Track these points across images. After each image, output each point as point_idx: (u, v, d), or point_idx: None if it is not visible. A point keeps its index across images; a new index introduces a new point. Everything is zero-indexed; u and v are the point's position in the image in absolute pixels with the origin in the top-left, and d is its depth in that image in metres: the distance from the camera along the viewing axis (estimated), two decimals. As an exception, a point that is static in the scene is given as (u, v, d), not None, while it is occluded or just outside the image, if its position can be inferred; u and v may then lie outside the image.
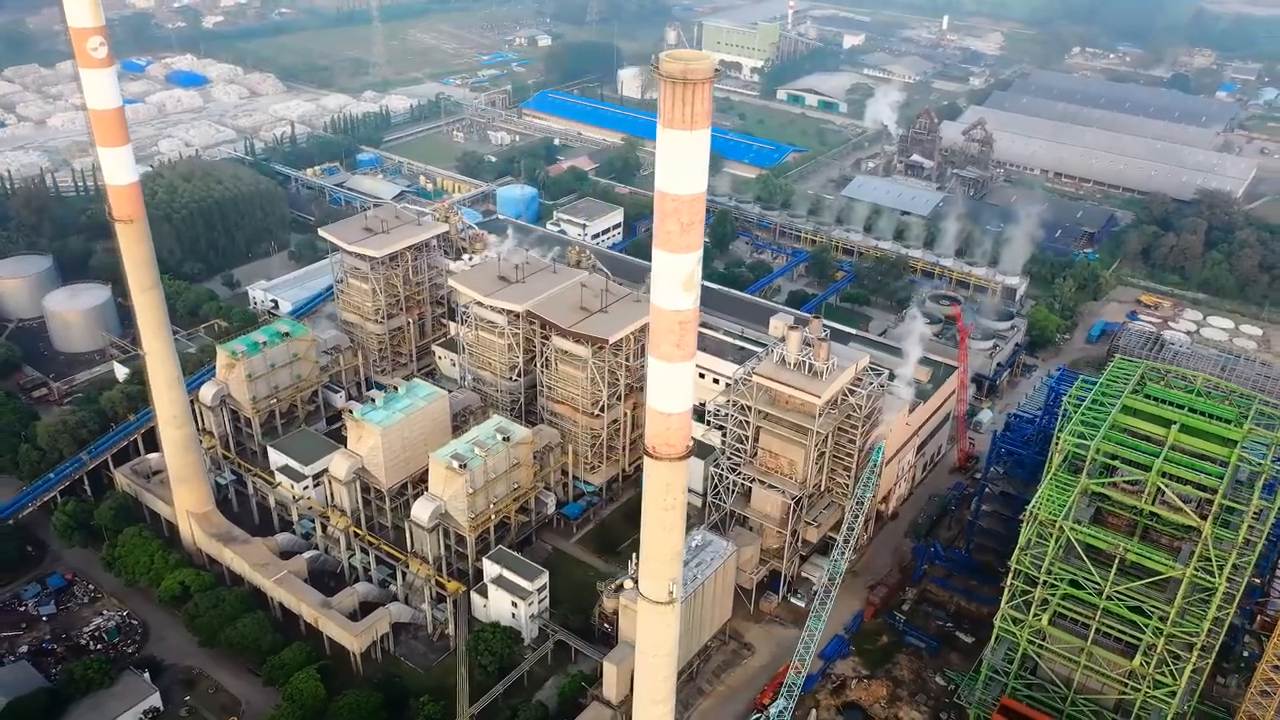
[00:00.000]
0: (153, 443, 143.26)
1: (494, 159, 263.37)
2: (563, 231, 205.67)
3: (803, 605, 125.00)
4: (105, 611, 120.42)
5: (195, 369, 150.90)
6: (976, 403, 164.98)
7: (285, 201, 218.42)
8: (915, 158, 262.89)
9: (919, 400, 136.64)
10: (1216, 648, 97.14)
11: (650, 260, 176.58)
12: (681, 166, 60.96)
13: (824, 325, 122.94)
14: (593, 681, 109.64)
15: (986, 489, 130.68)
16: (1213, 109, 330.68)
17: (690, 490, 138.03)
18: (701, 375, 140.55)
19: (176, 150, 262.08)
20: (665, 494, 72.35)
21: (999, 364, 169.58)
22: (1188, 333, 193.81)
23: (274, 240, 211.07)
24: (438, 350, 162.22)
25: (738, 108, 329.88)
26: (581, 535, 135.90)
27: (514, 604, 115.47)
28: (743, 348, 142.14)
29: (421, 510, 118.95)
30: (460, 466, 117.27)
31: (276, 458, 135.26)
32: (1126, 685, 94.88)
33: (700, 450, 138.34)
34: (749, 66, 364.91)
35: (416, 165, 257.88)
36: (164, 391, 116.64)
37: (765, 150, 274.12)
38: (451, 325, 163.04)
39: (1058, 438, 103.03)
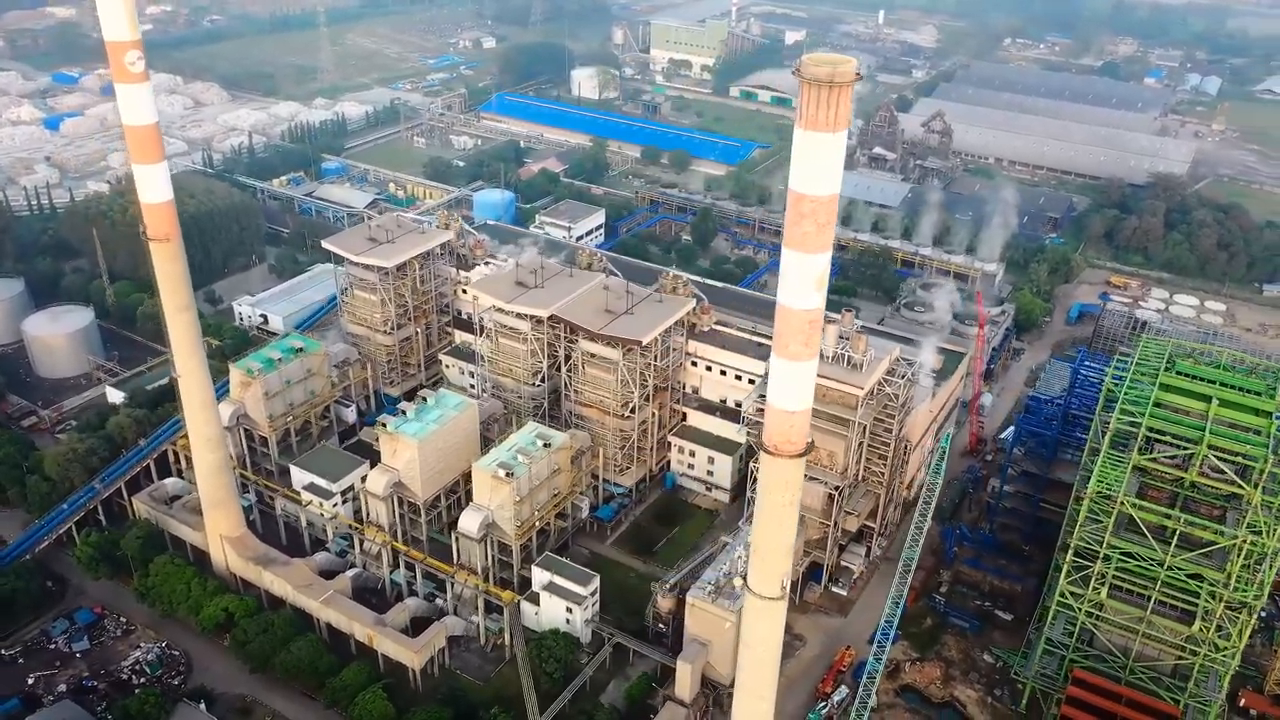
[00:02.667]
0: (165, 468, 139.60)
1: (462, 164, 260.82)
2: (547, 234, 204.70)
3: (845, 594, 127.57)
4: (143, 644, 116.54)
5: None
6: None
7: (260, 214, 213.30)
8: (878, 150, 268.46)
9: (938, 386, 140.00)
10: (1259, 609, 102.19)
11: (642, 259, 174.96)
12: (821, 167, 62.09)
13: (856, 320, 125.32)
14: (660, 682, 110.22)
15: (1009, 470, 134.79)
16: (1146, 95, 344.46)
17: (718, 486, 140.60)
18: (724, 373, 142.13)
19: (128, 165, 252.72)
20: (784, 491, 73.37)
21: (994, 348, 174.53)
22: (1158, 311, 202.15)
23: (253, 254, 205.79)
24: (445, 359, 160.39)
25: (694, 105, 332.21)
26: (616, 537, 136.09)
27: (569, 609, 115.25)
28: (761, 344, 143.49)
29: (470, 521, 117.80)
30: (506, 475, 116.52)
31: (300, 476, 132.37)
32: (1185, 650, 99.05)
33: (728, 446, 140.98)
34: (699, 64, 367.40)
35: (384, 172, 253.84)
36: (198, 414, 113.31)
37: (731, 147, 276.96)
38: (458, 333, 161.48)
39: (1101, 416, 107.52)
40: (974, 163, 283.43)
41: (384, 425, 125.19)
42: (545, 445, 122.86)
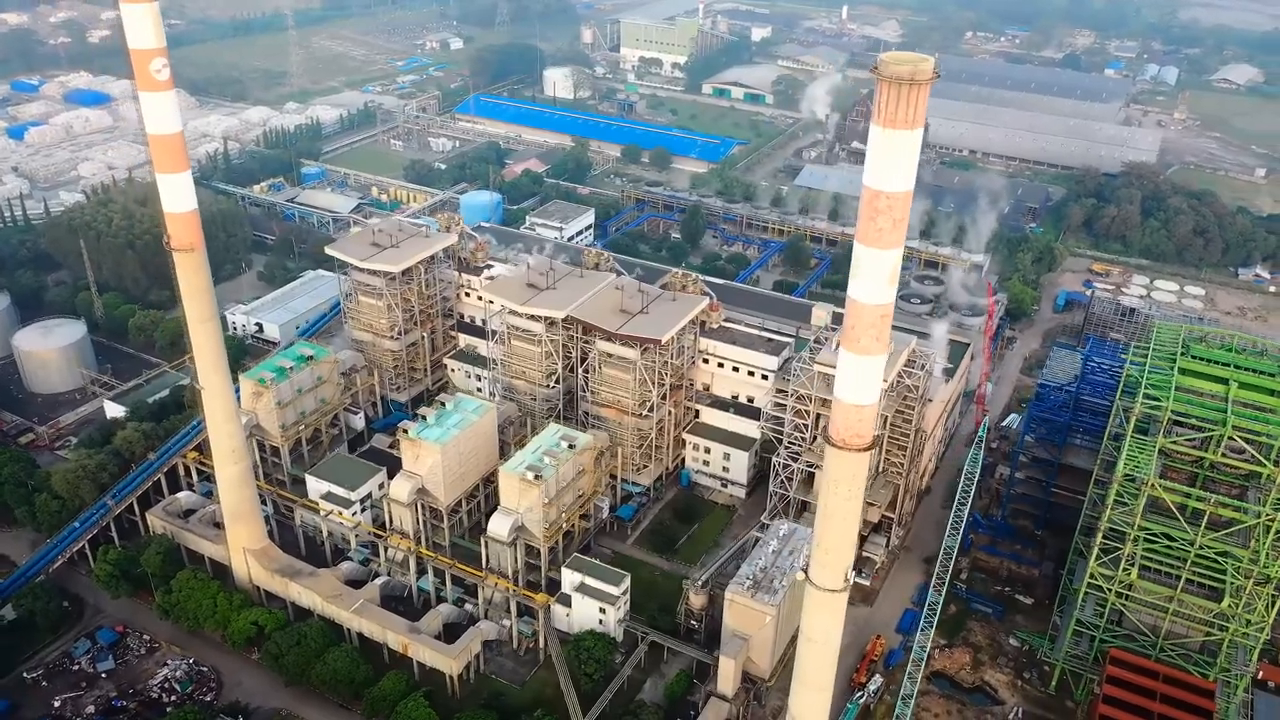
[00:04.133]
0: (175, 482, 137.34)
1: (443, 166, 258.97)
2: (538, 235, 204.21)
3: (868, 584, 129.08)
4: (169, 661, 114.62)
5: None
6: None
7: (247, 222, 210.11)
8: (856, 144, 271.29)
9: (949, 377, 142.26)
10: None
11: (633, 258, 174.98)
12: (898, 164, 62.98)
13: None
14: (700, 678, 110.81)
15: (1021, 456, 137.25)
16: (1109, 86, 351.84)
17: (734, 482, 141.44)
18: (736, 369, 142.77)
19: (99, 174, 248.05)
20: (849, 484, 74.29)
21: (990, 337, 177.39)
22: (1140, 297, 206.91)
23: (242, 261, 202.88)
24: (450, 363, 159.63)
25: (668, 103, 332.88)
26: (636, 536, 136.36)
27: (602, 610, 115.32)
28: (772, 339, 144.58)
29: (500, 525, 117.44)
30: (535, 478, 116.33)
31: (317, 485, 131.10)
32: (1213, 626, 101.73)
33: (743, 442, 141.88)
34: (669, 62, 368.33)
35: (364, 176, 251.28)
36: (221, 426, 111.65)
37: (711, 145, 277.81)
38: (461, 337, 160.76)
39: (1122, 402, 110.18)
40: (949, 155, 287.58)
41: (406, 431, 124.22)
42: (570, 446, 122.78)
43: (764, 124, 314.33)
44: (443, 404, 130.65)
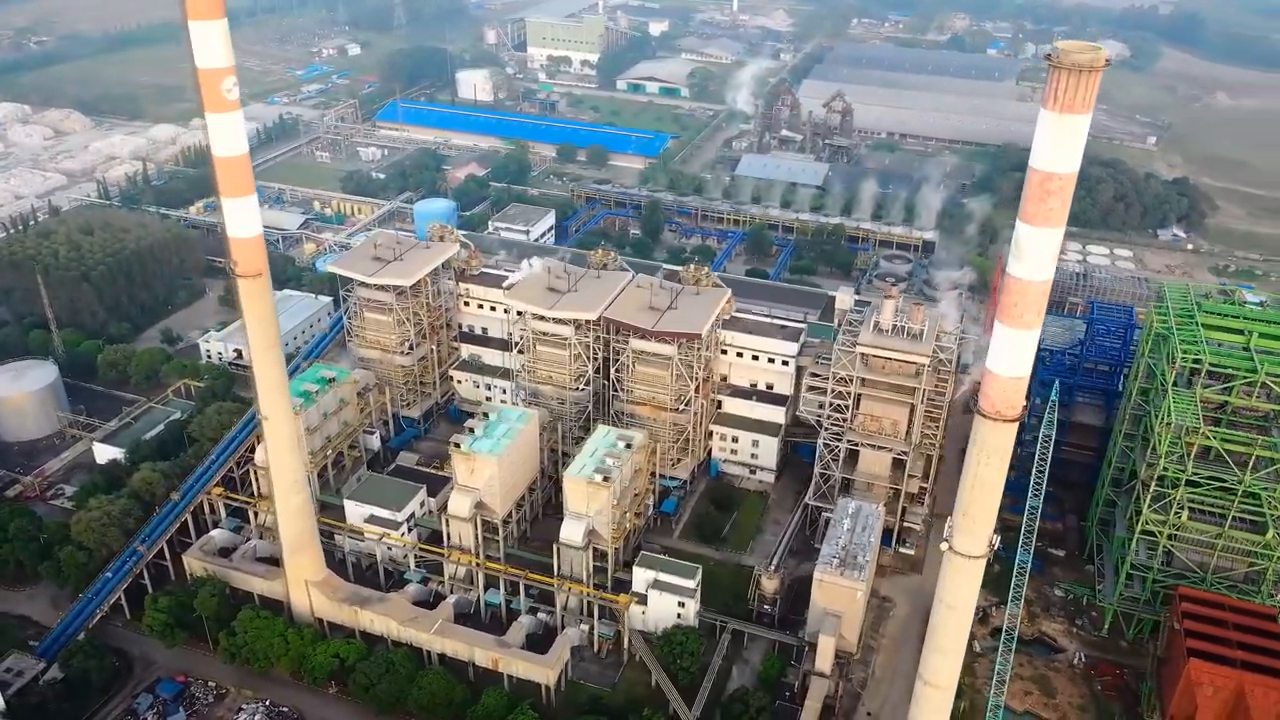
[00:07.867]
0: (201, 522, 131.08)
1: (381, 175, 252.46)
2: (503, 238, 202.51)
3: (913, 553, 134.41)
4: (244, 706, 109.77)
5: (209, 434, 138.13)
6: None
7: (201, 246, 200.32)
8: (786, 132, 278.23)
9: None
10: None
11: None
12: (1069, 147, 66.79)
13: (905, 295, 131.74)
14: (783, 659, 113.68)
15: (1031, 417, 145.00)
16: (998, 65, 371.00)
17: (763, 468, 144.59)
18: (756, 358, 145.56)
19: (8, 204, 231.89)
20: (998, 454, 78.10)
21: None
22: (1078, 261, 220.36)
23: (198, 286, 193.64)
24: (455, 374, 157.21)
25: (586, 101, 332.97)
26: (681, 529, 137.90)
27: (680, 604, 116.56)
28: (785, 325, 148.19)
29: (573, 531, 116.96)
30: (604, 480, 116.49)
31: (357, 509, 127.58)
32: (1258, 558, 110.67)
33: (770, 428, 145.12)
34: (578, 60, 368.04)
35: (300, 191, 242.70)
36: (284, 457, 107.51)
37: (645, 140, 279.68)
38: (465, 347, 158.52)
39: (1149, 359, 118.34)
40: (871, 139, 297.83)
41: (458, 446, 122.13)
42: (627, 446, 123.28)
43: (685, 117, 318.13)
44: (486, 415, 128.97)
